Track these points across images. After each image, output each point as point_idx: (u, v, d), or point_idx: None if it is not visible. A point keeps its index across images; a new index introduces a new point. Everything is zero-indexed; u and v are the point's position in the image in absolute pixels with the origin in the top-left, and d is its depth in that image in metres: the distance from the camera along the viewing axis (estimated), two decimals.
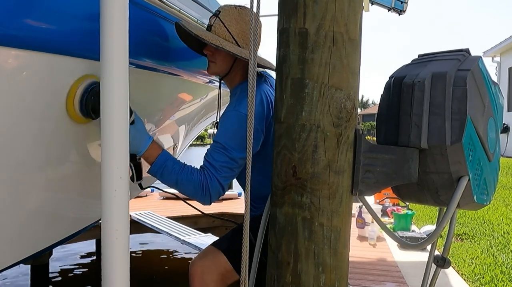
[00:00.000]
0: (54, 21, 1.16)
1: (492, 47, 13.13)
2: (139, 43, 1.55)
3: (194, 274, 1.64)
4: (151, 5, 1.57)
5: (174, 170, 1.48)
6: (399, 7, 3.77)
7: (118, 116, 1.10)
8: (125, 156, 1.13)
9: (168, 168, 1.48)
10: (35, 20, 1.11)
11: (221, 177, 1.50)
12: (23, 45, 1.10)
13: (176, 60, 1.88)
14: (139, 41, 1.54)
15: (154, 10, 1.60)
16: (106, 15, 1.06)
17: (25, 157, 1.28)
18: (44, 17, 1.13)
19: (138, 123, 1.44)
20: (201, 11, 2.08)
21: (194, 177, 1.48)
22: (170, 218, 4.60)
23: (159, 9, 1.64)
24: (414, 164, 1.27)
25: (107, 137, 1.10)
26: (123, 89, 1.10)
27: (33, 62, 1.15)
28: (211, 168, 1.50)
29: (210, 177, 1.49)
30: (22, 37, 1.08)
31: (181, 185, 1.49)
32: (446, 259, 1.46)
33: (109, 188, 1.10)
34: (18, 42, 1.08)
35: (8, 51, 1.08)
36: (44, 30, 1.13)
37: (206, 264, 1.64)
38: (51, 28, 1.15)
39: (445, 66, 1.28)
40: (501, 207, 5.09)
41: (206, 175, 1.49)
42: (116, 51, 1.08)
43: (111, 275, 1.12)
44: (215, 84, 2.41)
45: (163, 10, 1.67)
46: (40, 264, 3.89)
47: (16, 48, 1.09)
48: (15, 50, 1.09)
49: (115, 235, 1.11)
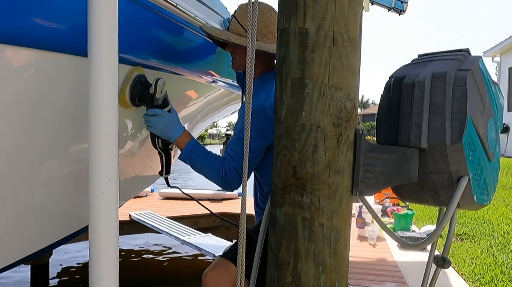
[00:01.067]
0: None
1: (492, 47, 13.12)
2: (142, 42, 1.55)
3: (206, 286, 1.66)
4: (155, 5, 1.57)
5: (200, 157, 1.64)
6: (399, 7, 3.76)
7: (107, 115, 1.06)
8: (114, 157, 1.08)
9: (195, 155, 1.64)
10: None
11: (238, 166, 1.59)
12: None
13: (180, 60, 1.88)
14: (143, 40, 1.54)
15: (159, 10, 1.60)
16: (94, 10, 1.03)
17: (25, 157, 1.28)
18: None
19: (173, 113, 1.65)
20: (206, 11, 2.08)
21: (215, 165, 1.63)
22: (170, 218, 4.60)
23: (165, 9, 1.63)
24: (414, 164, 1.27)
25: (95, 137, 1.06)
26: (112, 88, 1.06)
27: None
28: (229, 158, 1.62)
29: (228, 166, 1.61)
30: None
31: (204, 171, 1.65)
32: (446, 259, 1.46)
33: (96, 190, 1.05)
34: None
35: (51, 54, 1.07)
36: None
37: (217, 275, 1.66)
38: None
39: (445, 66, 1.28)
40: (501, 207, 5.09)
41: (225, 164, 1.61)
42: (105, 49, 1.04)
43: (98, 282, 1.07)
44: (218, 83, 2.42)
45: (168, 10, 1.66)
46: (40, 264, 3.90)
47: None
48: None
49: (103, 240, 1.06)
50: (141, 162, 2.11)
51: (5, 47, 1.05)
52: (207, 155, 1.64)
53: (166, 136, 1.64)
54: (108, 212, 1.07)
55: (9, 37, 1.04)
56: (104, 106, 1.06)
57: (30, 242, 1.55)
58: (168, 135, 1.64)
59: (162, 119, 1.59)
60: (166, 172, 1.76)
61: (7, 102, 1.13)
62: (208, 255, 3.54)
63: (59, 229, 1.70)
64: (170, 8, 1.65)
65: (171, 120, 1.62)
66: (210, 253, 3.49)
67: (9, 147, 1.21)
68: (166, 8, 1.63)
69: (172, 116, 1.63)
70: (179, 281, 4.61)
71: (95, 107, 1.06)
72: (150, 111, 1.59)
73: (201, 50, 2.00)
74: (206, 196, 5.64)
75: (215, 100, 2.67)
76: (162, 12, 1.61)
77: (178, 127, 1.65)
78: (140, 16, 1.50)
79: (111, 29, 1.06)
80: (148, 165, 2.23)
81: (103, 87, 1.06)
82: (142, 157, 2.07)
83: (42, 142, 1.32)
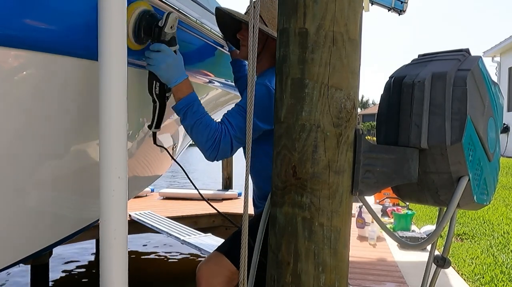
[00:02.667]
0: None
1: (492, 47, 13.12)
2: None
3: (200, 279, 1.66)
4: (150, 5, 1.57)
5: (197, 112, 1.49)
6: (399, 7, 3.77)
7: (117, 115, 1.10)
8: (123, 156, 1.13)
9: (193, 109, 1.49)
10: None
11: (234, 136, 1.51)
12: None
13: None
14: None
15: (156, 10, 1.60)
16: (105, 13, 1.06)
17: (25, 156, 1.28)
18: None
19: (179, 56, 1.48)
20: (201, 11, 2.08)
21: (211, 125, 1.50)
22: (170, 218, 4.60)
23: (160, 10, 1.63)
24: (414, 164, 1.27)
25: (105, 136, 1.10)
26: (122, 88, 1.10)
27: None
28: (228, 124, 1.52)
29: (225, 132, 1.50)
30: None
31: (196, 129, 1.50)
32: (446, 259, 1.46)
33: (107, 188, 1.10)
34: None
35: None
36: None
37: (211, 268, 1.67)
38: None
39: (445, 66, 1.28)
40: (501, 207, 5.09)
41: (223, 128, 1.50)
42: (115, 50, 1.08)
43: (109, 275, 1.12)
44: (214, 84, 2.41)
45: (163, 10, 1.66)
46: (40, 264, 3.89)
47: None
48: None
49: (113, 235, 1.11)
50: (141, 162, 2.11)
51: (21, 52, 1.09)
52: (205, 113, 1.51)
53: (166, 79, 1.46)
54: (118, 208, 1.12)
55: (20, 41, 1.07)
56: (113, 107, 1.10)
57: (30, 242, 1.55)
58: (168, 78, 1.46)
59: (167, 58, 1.42)
60: (156, 125, 1.55)
61: (17, 103, 1.15)
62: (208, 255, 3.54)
63: (59, 229, 1.70)
64: (165, 8, 1.65)
65: (176, 62, 1.45)
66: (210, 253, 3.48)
67: (11, 147, 1.21)
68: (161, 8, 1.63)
69: (177, 58, 1.46)
70: (179, 281, 4.61)
71: (105, 108, 1.10)
72: (154, 46, 1.42)
73: (198, 50, 2.00)
74: (206, 196, 5.62)
75: (212, 101, 2.66)
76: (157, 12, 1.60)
77: (182, 72, 1.48)
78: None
79: (120, 33, 1.09)
80: (149, 165, 2.23)
81: (113, 88, 1.09)
82: (143, 157, 2.07)
83: (45, 142, 1.32)
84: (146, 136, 1.94)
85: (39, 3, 1.08)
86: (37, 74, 1.18)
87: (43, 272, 3.95)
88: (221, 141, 1.50)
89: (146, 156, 2.12)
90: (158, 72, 1.45)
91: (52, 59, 1.19)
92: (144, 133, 1.88)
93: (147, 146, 1.95)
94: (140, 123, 1.65)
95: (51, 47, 1.15)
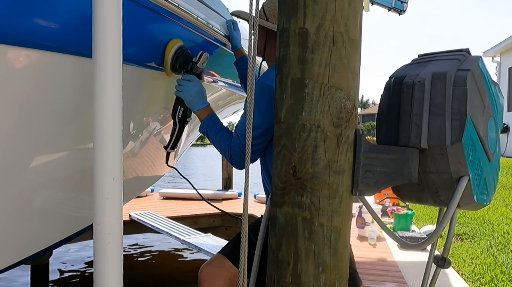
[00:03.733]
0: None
1: (492, 47, 13.12)
2: (142, 42, 1.55)
3: (202, 281, 1.67)
4: (156, 4, 1.57)
5: (215, 129, 1.70)
6: (399, 7, 3.76)
7: (111, 115, 1.06)
8: (118, 157, 1.08)
9: (212, 125, 1.71)
10: None
11: (241, 144, 1.61)
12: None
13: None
14: (142, 40, 1.54)
15: (159, 10, 1.60)
16: (99, 10, 1.04)
17: (26, 157, 1.28)
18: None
19: (204, 88, 1.73)
20: (207, 11, 2.07)
21: (223, 140, 1.67)
22: (170, 218, 4.60)
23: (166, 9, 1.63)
24: (414, 164, 1.27)
25: (100, 137, 1.06)
26: (116, 88, 1.07)
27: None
28: (235, 135, 1.65)
29: (234, 143, 1.64)
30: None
31: (216, 143, 1.70)
32: (446, 259, 1.46)
33: (101, 190, 1.06)
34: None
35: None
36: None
37: (212, 270, 1.68)
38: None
39: (445, 66, 1.28)
40: (501, 207, 5.09)
41: (232, 141, 1.65)
42: (109, 49, 1.05)
43: (103, 281, 1.07)
44: (218, 83, 2.42)
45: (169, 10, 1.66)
46: (40, 264, 3.89)
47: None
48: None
49: (107, 239, 1.06)
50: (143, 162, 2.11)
51: (17, 49, 1.08)
52: (222, 128, 1.70)
53: (191, 104, 1.71)
54: (113, 211, 1.07)
55: (18, 38, 1.05)
56: (108, 106, 1.06)
57: (31, 242, 1.55)
58: (193, 104, 1.71)
59: (195, 86, 1.69)
60: (172, 146, 1.80)
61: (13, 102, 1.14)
62: (208, 255, 3.54)
63: (60, 229, 1.70)
64: (171, 8, 1.64)
65: (202, 91, 1.72)
66: (210, 253, 3.48)
67: (10, 147, 1.21)
68: (167, 8, 1.62)
69: (203, 89, 1.72)
70: (179, 281, 4.60)
71: (100, 108, 1.06)
72: (186, 76, 1.68)
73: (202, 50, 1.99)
74: (206, 196, 5.63)
75: (217, 100, 2.67)
76: (163, 12, 1.60)
77: (205, 100, 1.74)
78: (141, 16, 1.49)
79: (115, 30, 1.06)
80: (150, 165, 2.23)
81: (108, 88, 1.06)
82: (144, 157, 2.07)
83: (44, 142, 1.32)
84: (150, 136, 1.94)
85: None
86: (30, 72, 1.15)
87: (43, 272, 3.95)
88: (231, 153, 1.64)
89: (148, 156, 2.12)
90: (186, 97, 1.71)
91: (46, 56, 1.16)
92: (148, 133, 1.88)
93: (149, 147, 1.95)
94: (144, 123, 1.65)
95: (44, 44, 1.13)
